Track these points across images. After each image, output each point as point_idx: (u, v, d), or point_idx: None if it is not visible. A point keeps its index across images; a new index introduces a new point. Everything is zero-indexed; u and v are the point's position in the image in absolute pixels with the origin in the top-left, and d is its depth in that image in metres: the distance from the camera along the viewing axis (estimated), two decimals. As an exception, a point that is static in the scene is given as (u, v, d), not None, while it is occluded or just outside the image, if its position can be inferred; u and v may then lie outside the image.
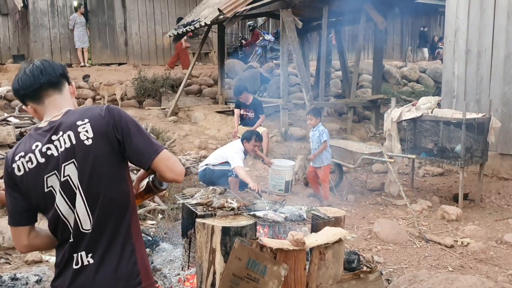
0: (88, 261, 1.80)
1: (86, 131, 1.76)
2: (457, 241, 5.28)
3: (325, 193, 6.57)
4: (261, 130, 6.55)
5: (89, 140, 1.75)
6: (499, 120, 6.60)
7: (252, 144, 5.99)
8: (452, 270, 4.54)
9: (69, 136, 1.76)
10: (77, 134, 1.76)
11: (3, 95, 10.70)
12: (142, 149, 1.80)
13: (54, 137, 1.77)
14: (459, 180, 6.52)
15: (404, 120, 6.90)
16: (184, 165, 7.44)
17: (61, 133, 1.77)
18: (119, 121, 1.78)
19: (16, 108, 10.00)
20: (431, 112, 6.80)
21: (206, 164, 6.24)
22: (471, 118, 6.30)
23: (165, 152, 1.84)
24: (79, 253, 1.80)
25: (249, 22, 16.46)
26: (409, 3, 12.00)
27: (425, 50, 19.46)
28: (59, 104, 1.90)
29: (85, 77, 13.05)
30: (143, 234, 4.85)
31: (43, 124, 1.85)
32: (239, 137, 6.57)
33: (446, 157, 6.61)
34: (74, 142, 1.75)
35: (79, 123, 1.77)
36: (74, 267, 1.81)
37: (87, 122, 1.77)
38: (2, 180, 1.87)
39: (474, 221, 5.97)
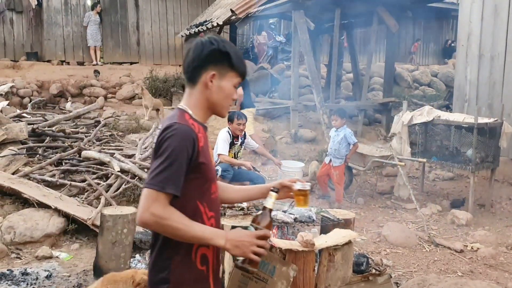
0: None
1: None
2: (466, 246, 5.24)
3: (339, 196, 6.55)
4: (256, 145, 6.66)
5: None
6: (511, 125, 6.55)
7: (236, 123, 6.10)
8: (461, 275, 4.51)
9: None
10: None
11: (3, 93, 10.77)
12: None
13: None
14: (470, 185, 6.47)
15: (416, 124, 6.87)
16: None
17: None
18: (159, 140, 1.71)
19: (29, 105, 10.13)
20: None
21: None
22: (483, 123, 6.25)
23: (145, 190, 1.65)
24: None
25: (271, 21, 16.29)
26: (422, 7, 11.94)
27: (450, 62, 18.87)
28: None
29: (96, 72, 13.17)
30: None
31: None
32: None
33: (457, 161, 6.57)
34: None
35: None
36: None
37: None
38: None
39: (484, 226, 5.92)
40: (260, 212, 1.84)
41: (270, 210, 1.84)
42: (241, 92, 8.31)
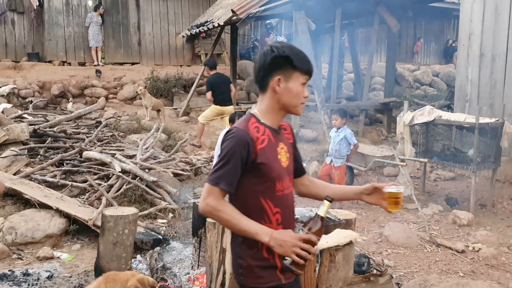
0: None
1: None
2: (468, 246, 5.23)
3: None
4: None
5: None
6: (513, 125, 6.54)
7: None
8: (463, 275, 4.50)
9: None
10: None
11: (5, 94, 10.77)
12: None
13: None
14: (471, 185, 6.46)
15: (417, 124, 6.86)
16: (195, 165, 7.47)
17: None
18: (222, 142, 1.92)
19: (30, 105, 10.14)
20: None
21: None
22: (484, 123, 6.24)
23: (205, 184, 1.91)
24: None
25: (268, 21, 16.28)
26: (423, 7, 11.93)
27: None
28: None
29: (97, 72, 13.19)
30: (153, 233, 4.91)
31: None
32: None
33: (458, 161, 6.56)
34: None
35: None
36: None
37: None
38: None
39: (486, 227, 5.91)
40: (312, 218, 1.92)
41: (322, 218, 1.90)
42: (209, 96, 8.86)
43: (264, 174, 1.91)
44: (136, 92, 10.27)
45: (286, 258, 1.86)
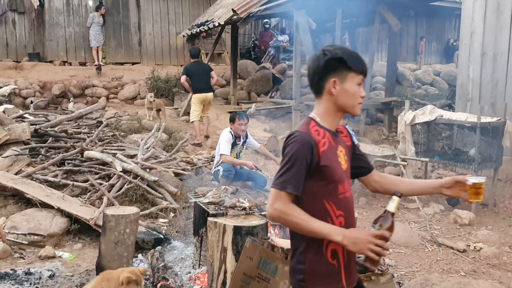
0: None
1: None
2: (469, 245, 5.22)
3: None
4: (258, 145, 6.72)
5: None
6: (514, 124, 6.53)
7: (237, 123, 6.13)
8: (464, 274, 4.50)
9: None
10: None
11: (6, 94, 10.77)
12: None
13: None
14: (473, 184, 6.44)
15: (418, 123, 6.86)
16: (196, 165, 7.48)
17: None
18: (284, 146, 1.97)
19: (31, 105, 10.15)
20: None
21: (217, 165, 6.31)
22: (486, 122, 6.23)
23: (271, 189, 1.92)
24: None
25: (265, 20, 16.28)
26: (424, 6, 11.92)
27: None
28: None
29: (97, 70, 13.22)
30: (154, 232, 4.91)
31: None
32: None
33: (459, 160, 6.55)
34: None
35: None
36: None
37: None
38: None
39: (487, 226, 5.90)
40: (382, 214, 1.93)
41: (392, 214, 1.91)
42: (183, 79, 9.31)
43: (327, 177, 1.93)
44: (149, 100, 10.24)
45: (359, 255, 1.88)
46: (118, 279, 2.93)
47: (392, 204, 1.91)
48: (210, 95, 9.39)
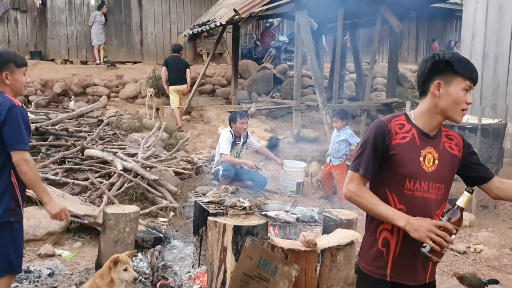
0: None
1: None
2: (470, 247, 5.22)
3: (341, 195, 6.53)
4: (258, 145, 6.74)
5: None
6: (515, 127, 6.52)
7: (239, 123, 6.12)
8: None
9: None
10: None
11: None
12: None
13: None
14: (473, 186, 6.43)
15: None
16: (196, 164, 7.48)
17: None
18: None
19: (33, 103, 10.15)
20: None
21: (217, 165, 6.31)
22: (487, 124, 6.23)
23: (348, 172, 2.12)
24: None
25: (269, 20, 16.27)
26: (426, 7, 11.91)
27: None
28: None
29: (108, 63, 13.31)
30: (154, 231, 4.91)
31: None
32: None
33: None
34: None
35: None
36: None
37: None
38: None
39: (488, 228, 5.90)
40: (451, 208, 1.96)
41: (462, 209, 1.94)
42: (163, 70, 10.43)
43: (394, 168, 1.99)
44: (149, 94, 10.34)
45: (424, 245, 1.90)
46: (107, 267, 3.10)
47: (462, 199, 1.94)
48: (183, 86, 10.53)
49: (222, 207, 3.61)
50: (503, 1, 7.57)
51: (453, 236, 1.88)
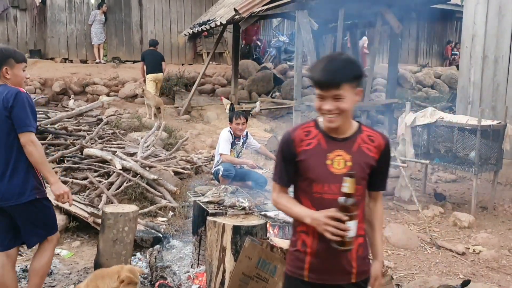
0: None
1: None
2: (469, 248, 5.22)
3: None
4: (258, 145, 6.73)
5: None
6: (515, 128, 6.51)
7: (235, 123, 6.11)
8: (463, 277, 4.48)
9: None
10: None
11: None
12: None
13: None
14: (472, 187, 6.44)
15: (419, 125, 6.85)
16: (196, 164, 7.47)
17: None
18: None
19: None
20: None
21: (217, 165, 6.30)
22: (486, 125, 6.23)
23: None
24: None
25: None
26: (426, 8, 11.91)
27: None
28: None
29: (115, 59, 13.91)
30: (153, 231, 4.90)
31: None
32: None
33: (459, 163, 6.54)
34: None
35: None
36: None
37: None
38: None
39: (487, 229, 5.90)
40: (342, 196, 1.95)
41: (348, 194, 1.91)
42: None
43: (302, 173, 2.04)
44: (137, 92, 10.45)
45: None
46: (115, 275, 2.91)
47: (345, 185, 1.91)
48: (159, 75, 11.76)
49: (221, 207, 3.61)
50: (503, 2, 7.57)
51: (352, 222, 1.89)
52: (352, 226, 1.89)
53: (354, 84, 1.94)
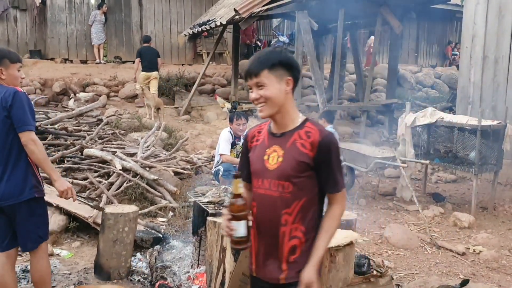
0: None
1: None
2: (469, 248, 5.22)
3: None
4: None
5: None
6: (515, 128, 6.51)
7: (235, 123, 6.10)
8: (463, 277, 4.48)
9: None
10: None
11: None
12: None
13: None
14: (473, 187, 6.44)
15: (419, 126, 6.85)
16: (195, 164, 7.46)
17: None
18: None
19: (32, 102, 10.13)
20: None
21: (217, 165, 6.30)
22: (487, 125, 6.23)
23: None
24: None
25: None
26: (426, 8, 11.91)
27: None
28: None
29: (117, 58, 13.85)
30: (153, 231, 4.90)
31: None
32: None
33: (459, 163, 6.54)
34: None
35: None
36: None
37: None
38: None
39: (487, 229, 5.90)
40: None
41: (236, 195, 1.99)
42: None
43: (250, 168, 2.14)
44: (142, 90, 10.43)
45: None
46: None
47: (231, 186, 2.02)
48: (154, 73, 11.47)
49: (221, 207, 3.61)
50: (503, 3, 7.57)
51: (239, 222, 1.94)
52: (237, 226, 1.94)
53: (276, 71, 1.96)
